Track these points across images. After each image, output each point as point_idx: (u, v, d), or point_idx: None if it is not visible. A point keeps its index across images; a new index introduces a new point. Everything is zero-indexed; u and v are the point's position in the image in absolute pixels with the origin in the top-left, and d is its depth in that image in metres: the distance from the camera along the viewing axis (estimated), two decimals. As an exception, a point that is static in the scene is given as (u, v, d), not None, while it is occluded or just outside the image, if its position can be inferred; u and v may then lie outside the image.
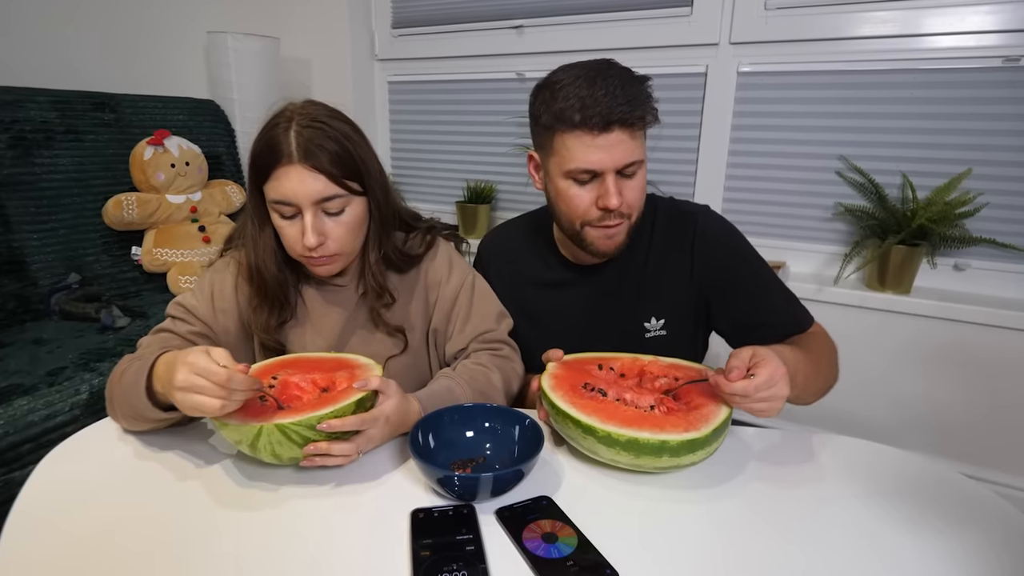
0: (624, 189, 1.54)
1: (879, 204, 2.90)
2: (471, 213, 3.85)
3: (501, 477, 1.18)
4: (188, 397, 1.17)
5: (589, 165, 1.51)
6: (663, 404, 1.33)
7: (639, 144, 1.51)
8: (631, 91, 1.46)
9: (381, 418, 1.31)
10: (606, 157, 1.49)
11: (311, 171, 1.44)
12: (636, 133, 1.49)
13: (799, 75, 3.00)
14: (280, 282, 1.60)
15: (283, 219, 1.49)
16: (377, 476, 1.29)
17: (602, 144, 1.48)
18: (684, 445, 1.21)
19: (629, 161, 1.50)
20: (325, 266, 1.56)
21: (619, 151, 1.49)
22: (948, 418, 2.81)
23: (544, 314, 1.81)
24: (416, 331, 1.72)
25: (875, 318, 2.85)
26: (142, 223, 3.29)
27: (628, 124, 1.47)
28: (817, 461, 1.38)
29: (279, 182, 1.45)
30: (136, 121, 3.46)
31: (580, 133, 1.49)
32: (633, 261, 1.73)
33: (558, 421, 1.33)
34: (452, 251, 1.80)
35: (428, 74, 4.06)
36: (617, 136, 1.47)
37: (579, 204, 1.57)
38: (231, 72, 3.81)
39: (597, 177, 1.53)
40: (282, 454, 1.23)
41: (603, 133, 1.47)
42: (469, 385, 1.54)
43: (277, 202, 1.47)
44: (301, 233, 1.48)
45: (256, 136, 1.51)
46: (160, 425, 1.39)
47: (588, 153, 1.49)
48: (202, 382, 1.16)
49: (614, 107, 1.44)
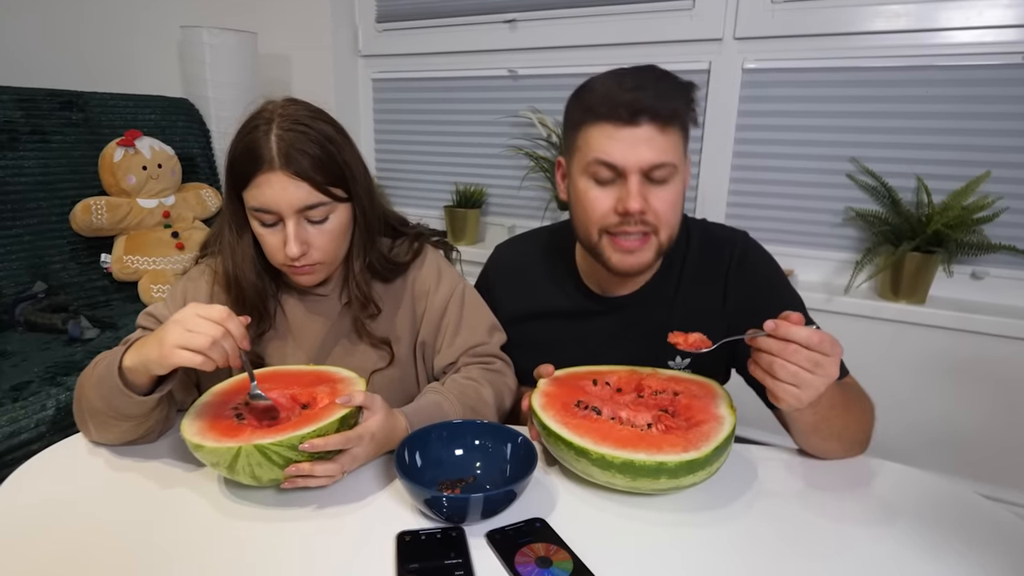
0: (651, 195, 1.46)
1: (892, 209, 2.91)
2: (460, 218, 3.86)
3: (492, 498, 1.18)
4: (184, 338, 1.22)
5: (609, 157, 1.43)
6: (661, 421, 1.33)
7: (672, 145, 1.44)
8: (665, 86, 1.43)
9: (366, 436, 1.31)
10: (629, 152, 1.42)
11: (293, 178, 1.43)
12: (669, 131, 1.42)
13: (808, 72, 3.02)
14: (259, 291, 1.60)
15: (264, 227, 1.49)
16: (361, 497, 1.29)
17: (626, 137, 1.42)
18: (683, 466, 1.20)
19: (657, 161, 1.42)
20: (308, 275, 1.56)
21: (646, 147, 1.41)
22: (965, 435, 2.81)
23: (557, 347, 1.71)
24: (403, 343, 1.72)
25: (888, 329, 2.86)
26: (112, 229, 3.30)
27: (658, 117, 1.40)
28: (827, 481, 1.38)
29: (259, 190, 1.44)
30: (105, 121, 3.47)
31: (604, 124, 1.43)
32: (661, 293, 1.67)
33: (550, 443, 1.33)
34: (441, 259, 1.80)
35: (415, 71, 4.07)
36: (645, 132, 1.41)
37: (597, 207, 1.50)
38: (206, 69, 3.81)
39: (620, 178, 1.46)
40: (262, 476, 1.23)
41: (628, 125, 1.41)
42: (459, 400, 1.54)
43: (258, 210, 1.46)
44: (283, 242, 1.47)
45: (234, 138, 1.50)
46: (135, 425, 1.39)
47: (610, 145, 1.43)
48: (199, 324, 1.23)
49: (642, 97, 1.39)
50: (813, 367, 1.19)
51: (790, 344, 1.20)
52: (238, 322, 1.26)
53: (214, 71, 3.82)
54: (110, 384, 1.31)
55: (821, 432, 1.40)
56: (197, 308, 1.25)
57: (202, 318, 1.23)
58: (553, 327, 1.76)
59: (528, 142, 3.74)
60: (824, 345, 1.19)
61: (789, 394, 1.21)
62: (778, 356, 1.21)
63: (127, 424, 1.38)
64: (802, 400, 1.21)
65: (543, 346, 1.72)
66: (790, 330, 1.20)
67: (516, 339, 1.78)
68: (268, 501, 1.28)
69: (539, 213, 3.80)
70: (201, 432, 1.23)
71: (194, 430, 1.24)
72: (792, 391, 1.21)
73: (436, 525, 1.20)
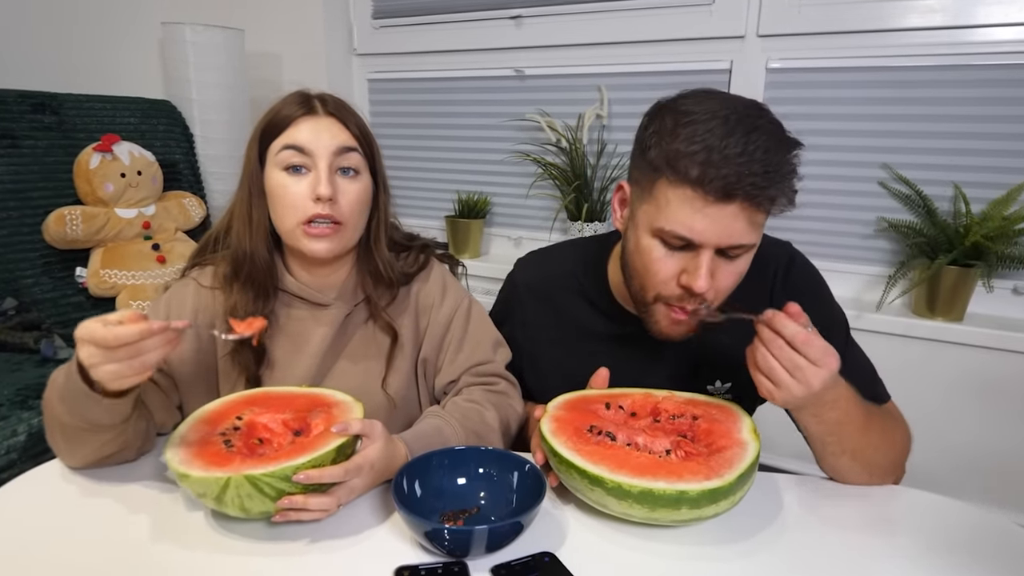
0: (719, 272, 1.40)
1: (927, 219, 2.91)
2: (463, 229, 3.87)
3: (497, 530, 1.18)
4: (101, 370, 1.19)
5: (688, 233, 1.36)
6: (680, 447, 1.33)
7: (758, 227, 1.39)
8: (773, 160, 1.31)
9: (365, 466, 1.31)
10: (711, 231, 1.34)
11: (336, 121, 1.56)
12: (759, 214, 1.36)
13: (836, 72, 3.03)
14: (268, 268, 1.62)
15: (289, 174, 1.53)
16: (357, 529, 1.29)
17: (713, 215, 1.33)
18: (705, 495, 1.20)
19: (739, 243, 1.37)
20: (325, 238, 1.55)
21: (731, 229, 1.34)
22: (1004, 462, 2.81)
23: (587, 371, 1.63)
24: (405, 359, 1.73)
25: (923, 348, 2.85)
26: (88, 240, 3.30)
27: (755, 201, 1.32)
28: (857, 512, 1.38)
29: (296, 129, 1.53)
30: (81, 124, 3.47)
31: (691, 192, 1.33)
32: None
33: (561, 471, 1.33)
34: (446, 273, 1.82)
35: (414, 71, 4.09)
36: (735, 211, 1.32)
37: (659, 271, 1.44)
38: (189, 69, 3.82)
39: (692, 248, 1.39)
40: (252, 508, 1.23)
41: (719, 203, 1.31)
42: (461, 425, 1.54)
43: (289, 147, 1.51)
44: (309, 189, 1.52)
45: (259, 121, 1.59)
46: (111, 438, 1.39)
47: (692, 219, 1.34)
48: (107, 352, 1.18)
49: (744, 175, 1.29)
50: (792, 368, 1.25)
51: (778, 338, 1.25)
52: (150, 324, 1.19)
53: (198, 71, 3.82)
54: (75, 390, 1.29)
55: (831, 448, 1.43)
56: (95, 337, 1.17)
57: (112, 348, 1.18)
58: (586, 350, 1.74)
59: (536, 147, 3.75)
60: (810, 349, 1.23)
61: (764, 388, 1.28)
62: (765, 346, 1.27)
63: (102, 437, 1.38)
64: (775, 398, 1.27)
65: (574, 370, 1.65)
66: (780, 322, 1.25)
67: (544, 364, 1.79)
68: (258, 534, 1.28)
69: (547, 224, 3.81)
70: (187, 460, 1.23)
71: (179, 458, 1.24)
72: (767, 385, 1.28)
73: (437, 559, 1.20)
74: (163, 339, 1.21)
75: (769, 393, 1.28)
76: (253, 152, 1.57)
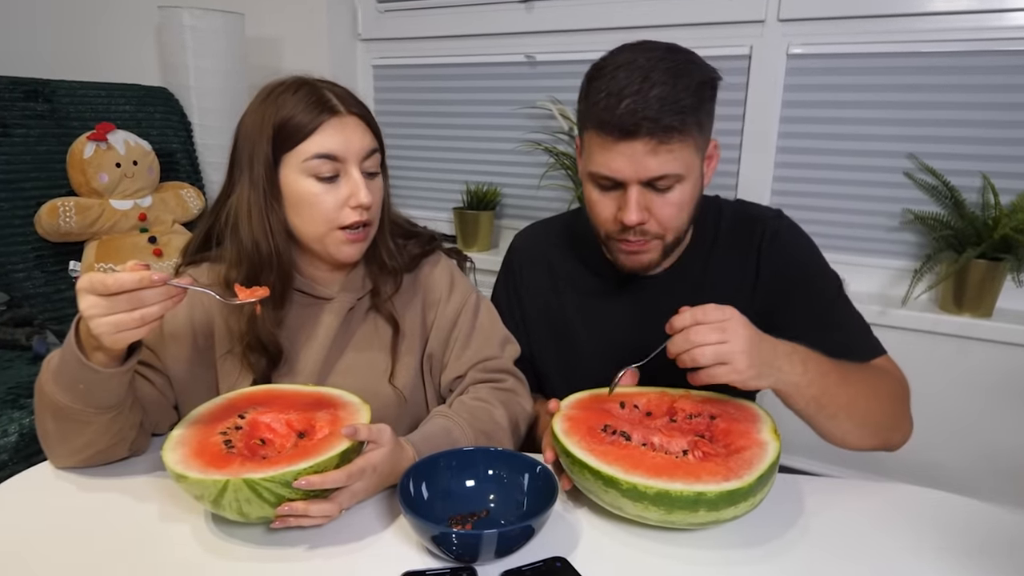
0: (654, 205, 1.56)
1: (955, 211, 2.90)
2: (471, 222, 3.87)
3: (507, 534, 1.18)
4: (101, 321, 1.21)
5: (608, 172, 1.53)
6: (698, 448, 1.33)
7: (677, 157, 1.50)
8: (669, 93, 1.45)
9: (368, 468, 1.30)
10: (627, 167, 1.51)
11: (359, 121, 1.57)
12: (671, 144, 1.48)
13: (860, 58, 3.02)
14: (290, 270, 1.62)
15: (321, 183, 1.53)
16: (361, 534, 1.29)
17: (624, 152, 1.49)
18: (724, 497, 1.20)
19: (658, 175, 1.51)
20: (361, 242, 1.61)
21: (644, 163, 1.50)
22: (1039, 465, 2.79)
23: (580, 328, 1.82)
24: (411, 355, 1.74)
25: (950, 345, 2.85)
26: (81, 233, 3.30)
27: (657, 132, 1.46)
28: (882, 515, 1.38)
29: (325, 136, 1.52)
30: (75, 112, 3.48)
31: (601, 136, 1.51)
32: (690, 269, 1.75)
33: (574, 471, 1.33)
34: (454, 267, 1.83)
35: (421, 57, 4.08)
36: (642, 146, 1.48)
37: (599, 212, 1.61)
38: (187, 54, 3.82)
39: (621, 186, 1.55)
40: (250, 513, 1.23)
41: (623, 140, 1.48)
42: (469, 424, 1.54)
43: (321, 156, 1.52)
44: (343, 198, 1.54)
45: (261, 109, 1.55)
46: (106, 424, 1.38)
47: (608, 159, 1.52)
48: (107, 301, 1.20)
49: (638, 111, 1.44)
50: (720, 334, 1.30)
51: (687, 333, 1.31)
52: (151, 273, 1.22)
53: (196, 57, 3.82)
54: (70, 363, 1.30)
55: (826, 409, 1.44)
56: (95, 284, 1.21)
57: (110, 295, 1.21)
58: (577, 307, 1.83)
59: (547, 136, 3.74)
60: (708, 313, 1.31)
61: (725, 374, 1.30)
62: (689, 349, 1.30)
63: (99, 422, 1.38)
64: (741, 371, 1.30)
65: (566, 330, 1.83)
66: (676, 320, 1.34)
67: (538, 325, 1.87)
68: (256, 539, 1.28)
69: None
70: (185, 460, 1.23)
71: (176, 458, 1.24)
72: (726, 371, 1.30)
73: (445, 565, 1.20)
74: (164, 292, 1.23)
75: (736, 372, 1.30)
76: (264, 152, 1.54)
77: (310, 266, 1.67)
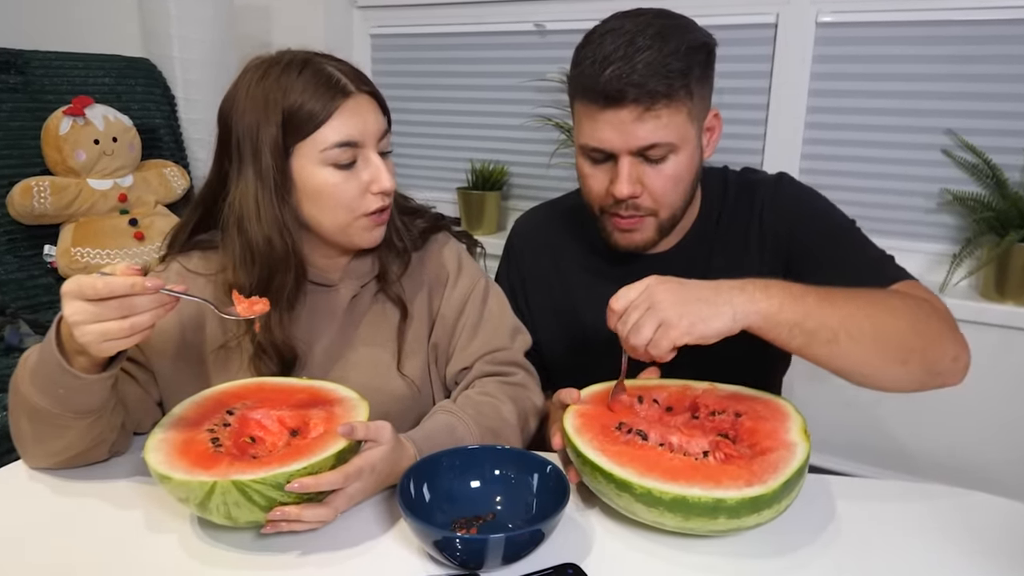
0: (647, 177, 1.59)
1: (997, 191, 2.90)
2: (477, 202, 3.88)
3: (515, 539, 1.18)
4: (87, 328, 1.19)
5: (596, 143, 1.58)
6: (719, 449, 1.32)
7: (667, 124, 1.53)
8: (654, 58, 1.48)
9: (366, 468, 1.30)
10: (614, 136, 1.55)
11: (372, 100, 1.59)
12: (658, 111, 1.51)
13: (895, 26, 3.01)
14: (303, 265, 1.61)
15: (339, 171, 1.53)
16: (357, 539, 1.29)
17: (610, 120, 1.53)
18: (746, 504, 1.19)
19: (647, 143, 1.54)
20: (382, 226, 1.63)
21: (632, 131, 1.53)
22: (1087, 464, 2.79)
23: (586, 309, 1.83)
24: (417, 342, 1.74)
25: (992, 336, 2.84)
26: (57, 215, 3.29)
27: (640, 100, 1.49)
28: (919, 519, 1.37)
29: (342, 120, 1.51)
30: (50, 85, 3.47)
31: (587, 104, 1.56)
32: (699, 249, 1.77)
33: (585, 472, 1.33)
34: (462, 251, 1.83)
35: (422, 25, 4.08)
36: (629, 113, 1.51)
37: (592, 186, 1.67)
38: (171, 23, 3.80)
39: (612, 158, 1.59)
40: (239, 517, 1.22)
41: (608, 108, 1.52)
42: (475, 421, 1.54)
43: (342, 144, 1.51)
44: (364, 184, 1.55)
45: (263, 97, 1.51)
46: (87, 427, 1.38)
47: (595, 129, 1.56)
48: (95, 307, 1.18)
49: (623, 77, 1.48)
50: (645, 311, 1.34)
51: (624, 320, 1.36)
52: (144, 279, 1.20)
53: (180, 25, 3.80)
54: (50, 365, 1.29)
55: (819, 334, 1.39)
56: (83, 288, 1.18)
57: (99, 301, 1.19)
58: (582, 288, 1.86)
59: (558, 110, 3.73)
60: (620, 298, 1.38)
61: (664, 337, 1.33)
62: (626, 339, 1.37)
63: (75, 426, 1.37)
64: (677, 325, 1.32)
65: (571, 312, 1.86)
66: (608, 319, 1.41)
67: (544, 311, 1.89)
68: (246, 544, 1.28)
69: (570, 196, 3.78)
70: (169, 460, 1.23)
71: (160, 457, 1.24)
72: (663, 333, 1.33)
73: (448, 572, 1.20)
74: (156, 299, 1.22)
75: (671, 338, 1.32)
76: (273, 142, 1.50)
77: (315, 254, 1.66)
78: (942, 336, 1.49)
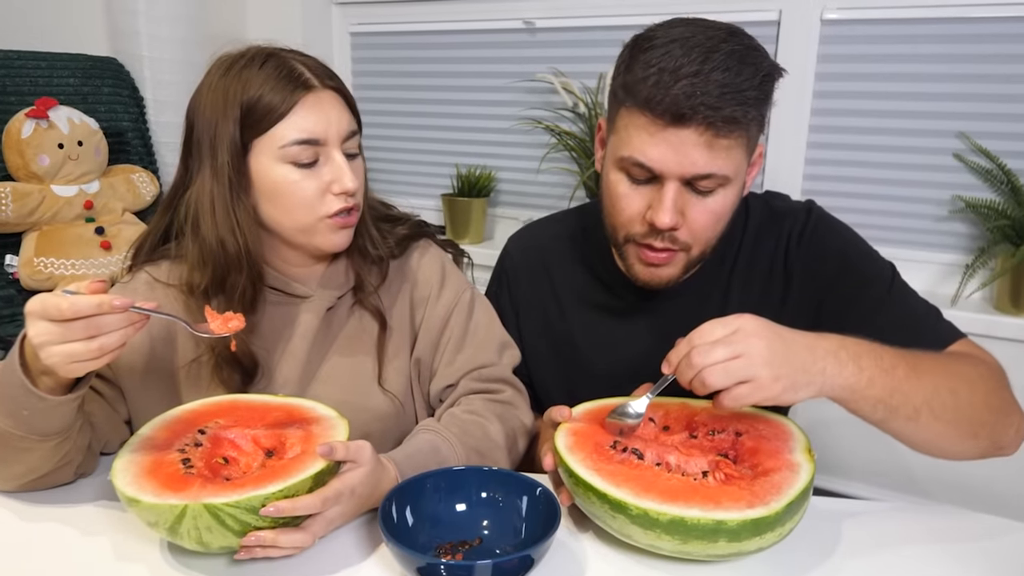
0: (690, 208, 1.52)
1: (1012, 197, 2.90)
2: (462, 210, 3.86)
3: (503, 565, 1.18)
4: (53, 350, 1.19)
5: (644, 160, 1.47)
6: (719, 469, 1.33)
7: (727, 156, 1.46)
8: (731, 80, 1.40)
9: (345, 492, 1.29)
10: (668, 157, 1.45)
11: (337, 97, 1.59)
12: (724, 140, 1.44)
13: (904, 24, 3.01)
14: (260, 268, 1.61)
15: (299, 169, 1.53)
16: (336, 566, 1.29)
17: (669, 139, 1.44)
18: (747, 526, 1.19)
19: (704, 172, 1.46)
20: (347, 229, 1.62)
21: (690, 156, 1.44)
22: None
23: (588, 350, 1.79)
24: (398, 358, 1.74)
25: (1007, 351, 2.79)
26: (19, 223, 3.28)
27: (711, 123, 1.41)
28: (933, 544, 1.37)
29: (302, 116, 1.52)
30: (11, 86, 3.46)
31: (644, 116, 1.45)
32: (711, 285, 1.73)
33: (578, 493, 1.32)
34: (447, 260, 1.83)
35: (404, 22, 4.08)
36: (692, 135, 1.42)
37: (624, 207, 1.56)
38: (139, 20, 3.80)
39: (656, 181, 1.51)
40: (211, 542, 1.22)
41: (673, 126, 1.42)
42: (460, 441, 1.54)
43: (301, 142, 1.51)
44: (325, 183, 1.55)
45: (223, 91, 1.53)
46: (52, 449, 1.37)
47: (647, 144, 1.46)
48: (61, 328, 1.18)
49: (696, 95, 1.38)
50: (727, 349, 1.25)
51: (688, 357, 1.28)
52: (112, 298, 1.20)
53: (150, 23, 3.81)
54: (13, 386, 1.29)
55: (902, 411, 1.37)
56: (47, 308, 1.18)
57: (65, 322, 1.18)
58: (582, 323, 1.81)
59: (549, 113, 3.73)
60: (706, 334, 1.28)
61: (750, 393, 1.26)
62: (699, 371, 1.26)
63: (42, 449, 1.37)
64: (767, 386, 1.25)
65: (569, 347, 1.80)
66: (671, 356, 1.32)
67: (538, 344, 1.84)
68: (218, 571, 1.27)
69: (563, 203, 3.75)
70: (138, 482, 1.22)
71: (128, 479, 1.23)
72: (749, 389, 1.25)
73: (433, 600, 1.20)
74: (125, 319, 1.21)
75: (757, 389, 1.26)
76: (229, 137, 1.52)
77: (284, 261, 1.67)
78: (1010, 407, 1.51)
